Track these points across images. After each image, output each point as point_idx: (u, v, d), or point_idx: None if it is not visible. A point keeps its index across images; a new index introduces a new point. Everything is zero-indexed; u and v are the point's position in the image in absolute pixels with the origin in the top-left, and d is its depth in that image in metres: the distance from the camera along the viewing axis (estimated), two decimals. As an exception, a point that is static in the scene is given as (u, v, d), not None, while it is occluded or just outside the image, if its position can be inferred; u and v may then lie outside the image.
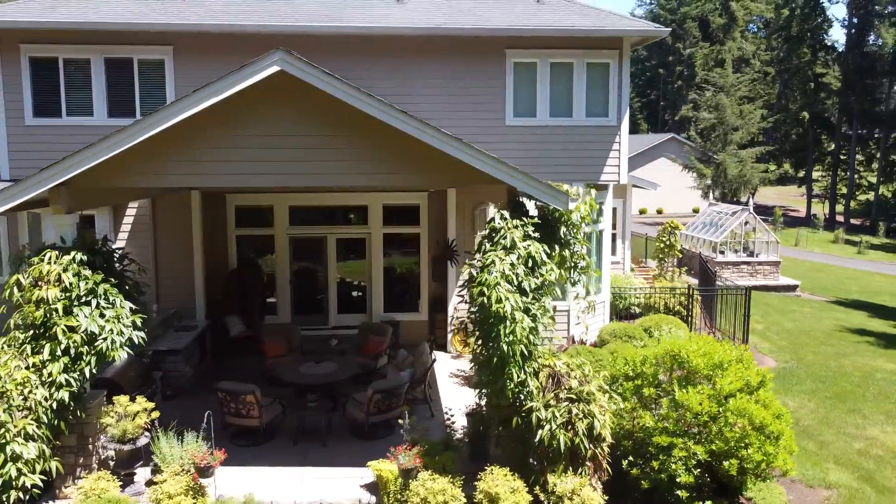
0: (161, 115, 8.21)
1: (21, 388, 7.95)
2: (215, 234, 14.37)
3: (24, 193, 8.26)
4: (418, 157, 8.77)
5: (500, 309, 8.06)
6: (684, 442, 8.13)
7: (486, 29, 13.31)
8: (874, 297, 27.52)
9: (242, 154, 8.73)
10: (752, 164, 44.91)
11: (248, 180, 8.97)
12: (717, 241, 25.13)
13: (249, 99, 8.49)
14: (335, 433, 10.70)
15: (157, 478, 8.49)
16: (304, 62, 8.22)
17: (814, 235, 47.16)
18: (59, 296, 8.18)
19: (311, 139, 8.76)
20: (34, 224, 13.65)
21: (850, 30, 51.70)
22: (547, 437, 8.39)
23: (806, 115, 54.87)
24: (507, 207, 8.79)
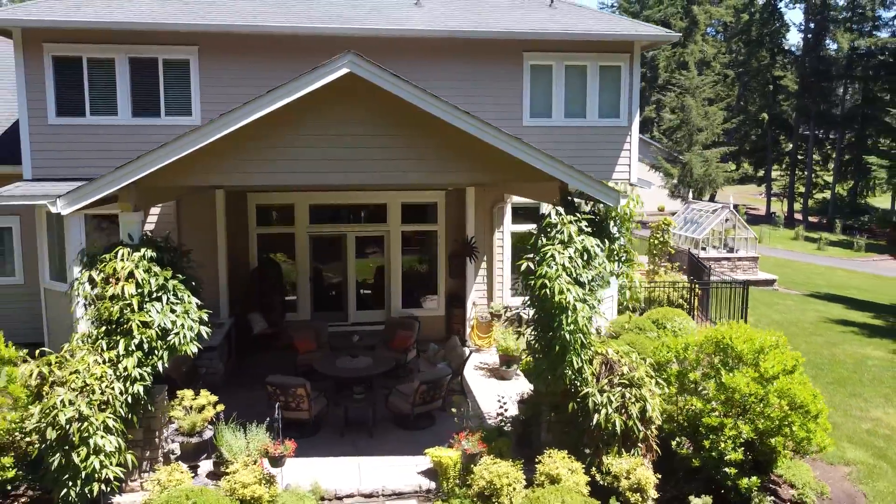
0: (235, 115, 8.46)
1: (99, 383, 8.10)
2: (237, 232, 14.52)
3: (98, 192, 8.42)
4: (477, 156, 9.19)
5: (562, 300, 8.52)
6: (733, 422, 8.70)
7: (504, 32, 13.75)
8: (842, 291, 28.80)
9: (307, 153, 9.04)
10: (716, 164, 46.35)
11: (310, 178, 9.27)
12: (700, 237, 26.06)
13: (315, 99, 8.76)
14: (379, 424, 11.02)
15: (228, 469, 8.71)
16: (372, 64, 8.56)
17: (775, 232, 48.81)
18: (134, 292, 8.35)
19: (373, 138, 9.10)
20: (57, 224, 13.60)
21: (807, 34, 53.64)
22: (603, 421, 8.88)
23: (765, 116, 56.69)
24: (560, 204, 9.25)
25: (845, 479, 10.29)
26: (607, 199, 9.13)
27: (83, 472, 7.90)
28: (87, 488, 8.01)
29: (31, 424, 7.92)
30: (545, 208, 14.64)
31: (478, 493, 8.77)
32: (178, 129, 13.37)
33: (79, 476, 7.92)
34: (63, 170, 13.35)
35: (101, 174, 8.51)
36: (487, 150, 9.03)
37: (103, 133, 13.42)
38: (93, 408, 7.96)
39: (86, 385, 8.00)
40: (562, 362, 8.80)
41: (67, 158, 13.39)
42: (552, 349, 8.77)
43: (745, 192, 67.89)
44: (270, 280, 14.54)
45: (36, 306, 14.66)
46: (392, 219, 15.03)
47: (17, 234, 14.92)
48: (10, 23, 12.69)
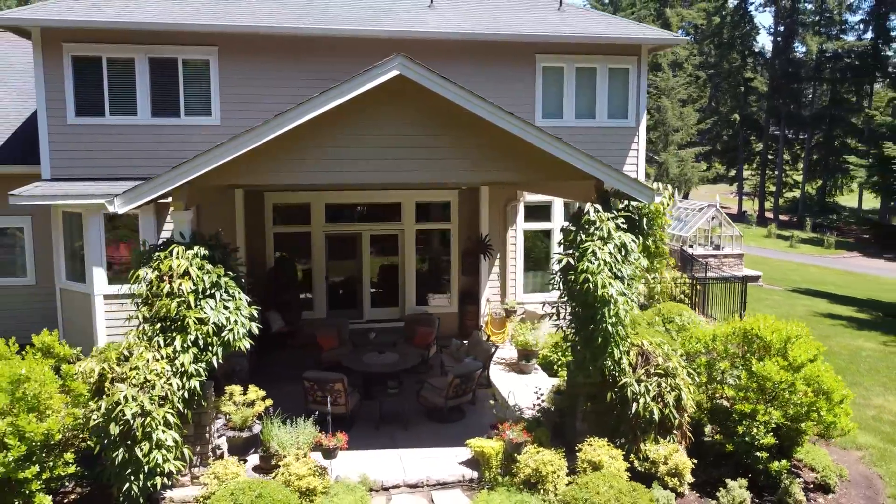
0: (288, 115, 8.65)
1: (158, 378, 8.24)
2: (254, 232, 14.64)
3: (155, 190, 8.56)
4: (518, 155, 9.51)
5: (605, 293, 8.88)
6: (765, 408, 9.15)
7: (518, 35, 14.09)
8: (820, 286, 29.75)
9: (352, 153, 9.26)
10: (692, 164, 47.42)
11: (355, 178, 9.49)
12: (687, 235, 26.74)
13: (362, 100, 8.98)
14: (411, 417, 11.27)
15: (281, 462, 8.91)
16: (421, 66, 8.82)
17: (748, 231, 50.02)
18: (191, 289, 8.50)
19: (417, 138, 9.36)
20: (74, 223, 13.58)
21: (777, 37, 55.11)
22: (642, 409, 9.27)
23: (737, 116, 58.08)
24: (597, 201, 9.61)
25: (860, 463, 10.83)
26: (642, 196, 9.52)
27: (146, 466, 8.04)
28: (149, 482, 8.15)
29: (92, 420, 8.02)
30: (557, 207, 15.10)
31: (524, 480, 9.10)
32: (198, 129, 13.60)
33: (141, 470, 8.06)
34: (82, 169, 13.37)
35: (157, 174, 8.64)
36: (528, 150, 9.35)
37: (123, 133, 13.45)
38: (154, 403, 8.10)
39: (146, 381, 8.13)
40: (603, 353, 9.16)
41: (86, 158, 13.40)
42: (594, 341, 9.12)
43: (716, 192, 69.36)
44: (287, 279, 14.68)
45: (48, 306, 14.60)
46: (406, 217, 15.27)
47: (28, 235, 14.83)
48: (29, 22, 12.67)
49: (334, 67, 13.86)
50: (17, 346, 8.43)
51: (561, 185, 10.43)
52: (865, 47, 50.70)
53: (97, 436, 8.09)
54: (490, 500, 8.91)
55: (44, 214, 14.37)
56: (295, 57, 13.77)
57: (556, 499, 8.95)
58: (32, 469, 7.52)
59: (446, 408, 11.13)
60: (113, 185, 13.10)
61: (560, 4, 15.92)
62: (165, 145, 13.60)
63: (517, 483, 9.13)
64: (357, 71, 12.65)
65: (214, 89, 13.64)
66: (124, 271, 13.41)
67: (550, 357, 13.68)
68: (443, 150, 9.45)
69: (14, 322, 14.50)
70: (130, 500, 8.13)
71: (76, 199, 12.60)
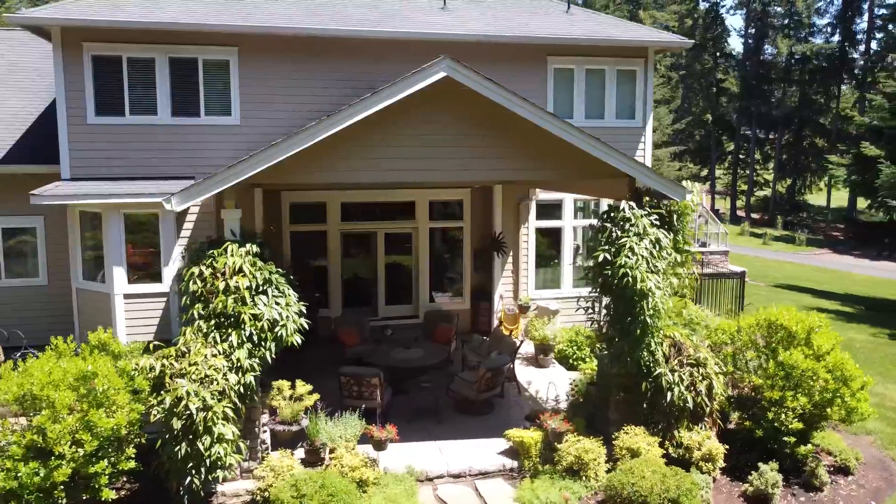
0: (340, 116, 8.88)
1: (217, 373, 8.39)
2: (271, 230, 14.73)
3: (210, 189, 8.72)
4: (556, 154, 9.85)
5: (644, 287, 9.27)
6: (793, 395, 9.62)
7: (532, 37, 14.44)
8: (798, 282, 30.73)
9: (395, 152, 9.53)
10: (667, 163, 48.33)
11: (398, 176, 9.74)
12: (675, 233, 27.34)
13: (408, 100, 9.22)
14: (443, 411, 11.53)
15: (335, 454, 9.13)
16: (467, 68, 9.10)
17: (722, 228, 51.24)
18: (247, 285, 8.67)
19: (458, 137, 9.66)
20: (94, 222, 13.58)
21: (748, 39, 56.45)
22: (677, 398, 9.67)
23: (709, 117, 59.32)
24: (631, 199, 9.99)
25: (871, 446, 11.39)
26: (674, 194, 9.93)
27: (207, 459, 8.20)
28: (211, 475, 8.31)
29: (153, 415, 8.15)
30: (568, 205, 15.49)
31: (566, 468, 9.45)
32: (218, 128, 13.71)
33: (203, 464, 8.21)
34: (101, 169, 13.38)
35: (212, 173, 8.77)
36: (565, 149, 9.70)
37: (142, 132, 13.48)
38: (214, 398, 8.26)
39: (205, 376, 8.28)
40: (640, 345, 9.55)
41: (106, 158, 13.41)
42: (632, 333, 9.50)
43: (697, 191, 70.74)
44: (304, 277, 14.80)
45: (61, 307, 14.56)
46: (420, 216, 15.53)
47: (41, 235, 14.75)
48: (50, 21, 12.65)
49: (350, 67, 14.13)
50: (75, 345, 8.51)
51: (593, 183, 10.79)
52: (833, 50, 52.20)
53: (158, 430, 8.22)
54: (534, 487, 9.24)
55: (56, 215, 14.33)
56: (312, 57, 13.94)
57: (597, 485, 9.33)
58: (101, 464, 7.63)
59: (478, 401, 11.43)
60: (134, 184, 13.20)
61: (567, 7, 16.31)
62: (185, 145, 13.68)
63: (559, 471, 9.48)
64: (374, 71, 13.00)
65: (234, 89, 13.74)
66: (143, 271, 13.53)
67: (566, 351, 14.06)
68: (482, 150, 9.74)
69: (27, 322, 14.42)
70: (191, 493, 8.29)
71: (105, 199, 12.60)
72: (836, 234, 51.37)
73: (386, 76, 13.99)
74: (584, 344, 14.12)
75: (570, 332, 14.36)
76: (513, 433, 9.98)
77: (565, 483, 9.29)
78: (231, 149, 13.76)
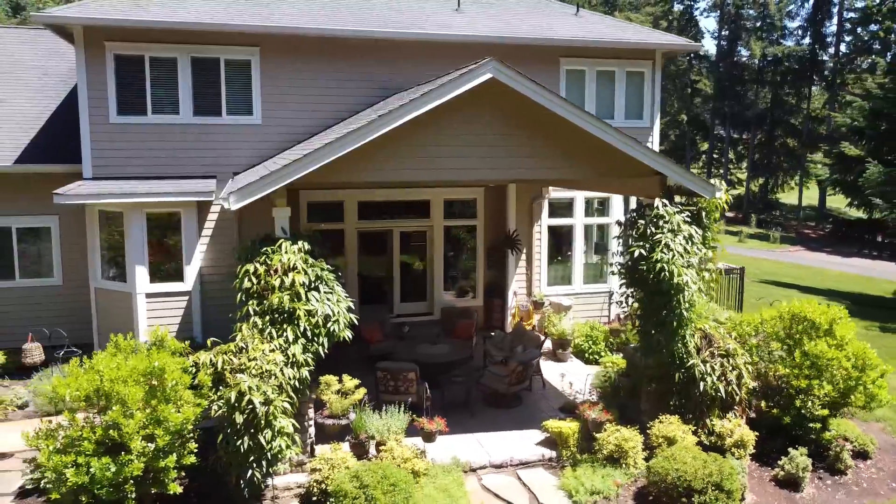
0: (390, 117, 9.08)
1: (276, 368, 8.56)
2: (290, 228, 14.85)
3: (266, 188, 8.88)
4: (592, 153, 10.17)
5: (680, 281, 9.65)
6: (819, 383, 10.09)
7: (545, 39, 14.78)
8: (779, 278, 31.60)
9: (440, 151, 9.78)
10: (647, 163, 49.17)
11: (441, 175, 9.99)
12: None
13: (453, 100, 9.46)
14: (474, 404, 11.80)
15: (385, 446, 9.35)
16: (512, 70, 9.39)
17: (699, 226, 52.27)
18: (303, 282, 8.85)
19: (496, 137, 9.94)
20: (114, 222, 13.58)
21: (721, 41, 57.58)
22: (710, 388, 10.07)
23: (684, 117, 60.43)
24: (664, 197, 10.36)
25: (883, 432, 11.93)
26: (704, 191, 10.33)
27: (268, 453, 8.36)
28: (271, 468, 8.47)
29: (214, 410, 8.29)
30: (579, 203, 15.86)
31: (607, 456, 9.79)
32: (240, 128, 13.83)
33: (264, 457, 8.37)
34: (122, 168, 13.40)
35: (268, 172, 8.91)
36: (599, 148, 10.03)
37: (164, 131, 13.53)
38: (275, 392, 8.42)
39: (264, 371, 8.44)
40: (675, 337, 9.92)
41: (128, 157, 13.43)
42: (667, 325, 9.88)
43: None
44: (322, 275, 14.95)
45: (76, 306, 14.55)
46: (435, 214, 15.76)
47: (55, 235, 14.69)
48: (73, 21, 12.64)
49: (371, 68, 14.34)
50: (135, 342, 8.60)
51: (623, 181, 11.13)
52: (803, 52, 53.53)
53: (213, 425, 8.36)
54: (577, 475, 9.56)
55: (71, 215, 14.31)
56: (333, 57, 14.11)
57: (636, 472, 9.69)
58: (171, 458, 7.76)
59: (508, 394, 11.72)
60: (155, 183, 13.26)
61: (577, 10, 16.69)
62: (207, 144, 13.75)
63: (599, 459, 9.81)
64: (394, 71, 13.23)
65: (256, 89, 13.84)
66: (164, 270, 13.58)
67: (582, 346, 14.44)
68: (520, 149, 10.04)
69: (41, 322, 14.39)
70: (252, 486, 8.44)
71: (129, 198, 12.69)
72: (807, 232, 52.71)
73: (406, 76, 14.35)
74: (599, 338, 14.51)
75: (586, 327, 14.74)
76: (551, 424, 10.29)
77: (606, 471, 9.63)
78: (253, 148, 13.90)
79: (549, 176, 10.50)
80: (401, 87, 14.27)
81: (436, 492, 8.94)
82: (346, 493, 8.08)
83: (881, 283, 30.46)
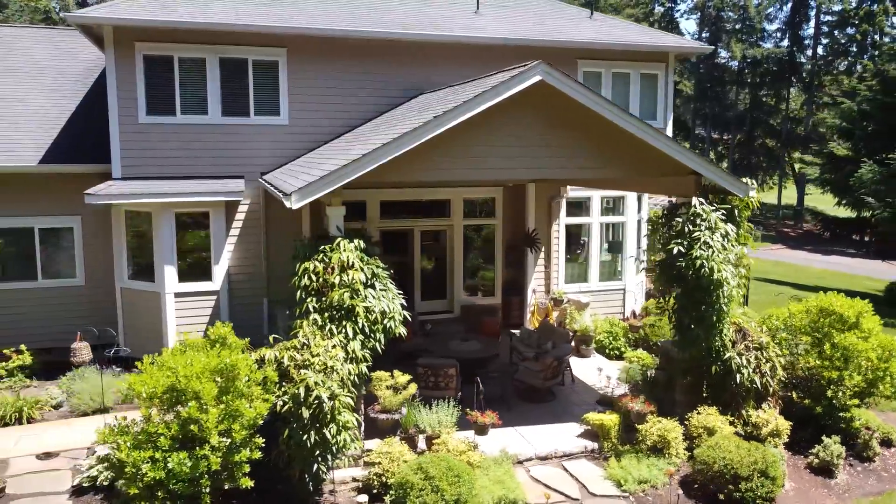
0: (446, 117, 9.26)
1: (339, 363, 8.73)
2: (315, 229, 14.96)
3: (327, 187, 9.02)
4: (633, 154, 10.47)
5: (720, 277, 10.01)
6: (849, 374, 10.51)
7: (564, 41, 15.08)
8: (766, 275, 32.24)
9: (492, 151, 9.98)
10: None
11: (494, 174, 10.27)
12: (660, 229, 28.47)
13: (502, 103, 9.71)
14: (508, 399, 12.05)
15: (441, 439, 9.57)
16: (561, 73, 9.66)
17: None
18: (362, 279, 9.03)
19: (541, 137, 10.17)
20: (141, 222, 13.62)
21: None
22: (746, 380, 10.44)
23: (665, 118, 61.35)
24: (700, 196, 10.71)
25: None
26: (738, 190, 10.70)
27: (333, 447, 8.54)
28: (335, 462, 8.65)
29: (279, 406, 8.43)
30: (595, 202, 16.19)
31: (650, 447, 10.11)
32: (267, 128, 13.97)
33: (329, 451, 8.54)
34: (152, 168, 13.45)
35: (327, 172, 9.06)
36: (639, 148, 10.34)
37: (193, 132, 13.60)
38: (339, 387, 8.59)
39: (327, 367, 8.61)
40: (714, 331, 10.27)
41: (156, 157, 13.47)
42: (707, 320, 10.23)
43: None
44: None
45: (98, 307, 14.53)
46: (455, 213, 15.99)
47: (78, 235, 14.64)
48: (104, 21, 12.66)
49: (396, 69, 14.55)
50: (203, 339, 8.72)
51: (659, 181, 11.46)
52: (782, 54, 54.65)
53: (284, 420, 8.50)
54: (623, 465, 9.86)
55: (93, 215, 14.29)
56: (358, 58, 14.28)
57: (678, 461, 10.02)
58: (245, 452, 7.90)
59: (543, 388, 12.00)
60: (183, 183, 13.35)
61: (591, 14, 17.03)
62: (234, 144, 13.85)
63: (643, 450, 10.13)
64: (418, 72, 13.46)
65: (283, 90, 13.96)
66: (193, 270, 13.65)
67: (603, 341, 14.79)
68: (561, 150, 10.30)
69: (63, 322, 14.38)
70: (316, 479, 8.62)
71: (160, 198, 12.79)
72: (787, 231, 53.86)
73: (430, 77, 14.59)
74: (619, 334, 14.86)
75: (606, 324, 15.08)
76: (592, 416, 10.59)
77: (650, 461, 9.95)
78: (279, 148, 14.02)
79: (589, 176, 10.78)
80: (424, 87, 14.50)
81: (491, 483, 9.17)
82: (412, 485, 8.28)
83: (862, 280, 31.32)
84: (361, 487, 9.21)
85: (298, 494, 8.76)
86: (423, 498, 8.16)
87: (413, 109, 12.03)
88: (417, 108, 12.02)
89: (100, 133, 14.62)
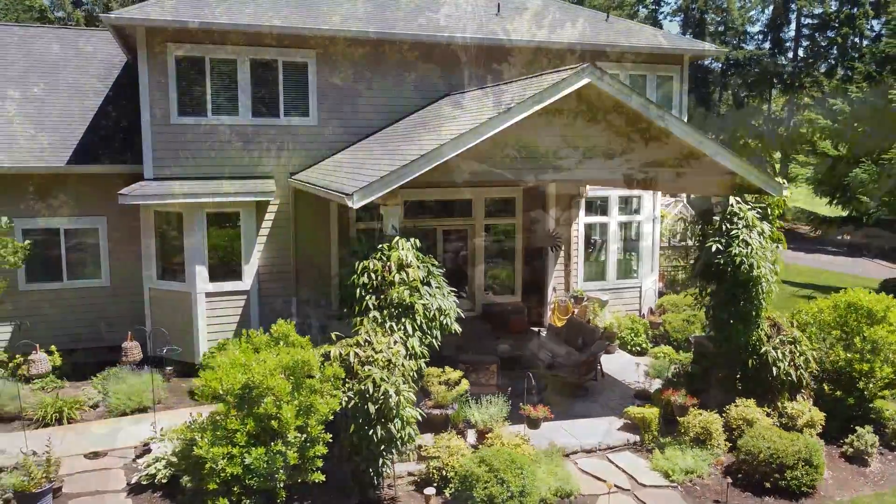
0: (500, 119, 9.46)
1: (401, 360, 8.90)
2: (342, 227, 15.10)
3: (387, 186, 9.19)
4: (674, 155, 10.77)
5: (759, 273, 10.35)
6: (880, 366, 10.90)
7: (588, 44, 15.37)
8: (760, 273, 32.99)
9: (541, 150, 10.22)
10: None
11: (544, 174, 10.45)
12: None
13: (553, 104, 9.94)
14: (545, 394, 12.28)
15: (494, 432, 9.79)
16: (609, 76, 9.92)
17: (668, 225, 53.87)
18: (421, 277, 9.22)
19: (587, 139, 10.43)
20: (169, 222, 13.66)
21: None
22: (782, 372, 10.79)
23: (649, 119, 62.10)
24: (737, 195, 11.04)
25: (918, 412, 12.86)
26: (773, 190, 11.04)
27: (398, 441, 8.71)
28: (401, 457, 8.82)
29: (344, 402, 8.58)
30: (613, 201, 16.50)
31: (693, 438, 10.41)
32: (296, 129, 14.10)
33: (394, 445, 8.71)
34: (183, 169, 13.49)
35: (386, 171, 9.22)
36: (682, 149, 10.64)
37: (224, 133, 13.66)
38: (402, 382, 8.76)
39: (390, 363, 8.78)
40: (752, 326, 10.62)
41: (189, 158, 13.53)
42: (746, 314, 10.57)
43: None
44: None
45: (124, 307, 14.56)
46: (476, 213, 16.21)
47: (103, 236, 14.64)
48: (137, 22, 12.69)
49: (421, 71, 14.73)
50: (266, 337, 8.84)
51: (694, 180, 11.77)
52: (764, 56, 55.64)
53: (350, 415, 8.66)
54: (668, 456, 10.15)
55: (119, 216, 14.29)
56: (385, 60, 14.45)
57: (720, 451, 10.32)
58: (318, 447, 8.05)
59: (579, 384, 12.26)
60: (214, 184, 13.42)
61: (607, 17, 17.35)
62: (264, 145, 13.94)
63: (686, 441, 10.42)
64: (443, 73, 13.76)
65: (312, 91, 14.07)
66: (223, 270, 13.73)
67: (626, 338, 15.09)
68: (609, 151, 10.57)
69: (88, 323, 14.42)
70: (379, 474, 8.78)
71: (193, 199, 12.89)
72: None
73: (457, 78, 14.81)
74: (640, 331, 15.18)
75: (627, 320, 15.40)
76: (633, 410, 10.88)
77: (693, 452, 10.24)
78: (308, 149, 14.15)
79: (631, 176, 11.05)
80: (446, 90, 14.71)
81: (545, 475, 9.40)
82: (478, 477, 8.48)
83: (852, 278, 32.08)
84: (419, 481, 9.38)
85: (362, 487, 8.92)
86: (490, 489, 8.36)
87: (440, 105, 12.17)
88: (450, 107, 12.22)
89: (126, 133, 14.65)
